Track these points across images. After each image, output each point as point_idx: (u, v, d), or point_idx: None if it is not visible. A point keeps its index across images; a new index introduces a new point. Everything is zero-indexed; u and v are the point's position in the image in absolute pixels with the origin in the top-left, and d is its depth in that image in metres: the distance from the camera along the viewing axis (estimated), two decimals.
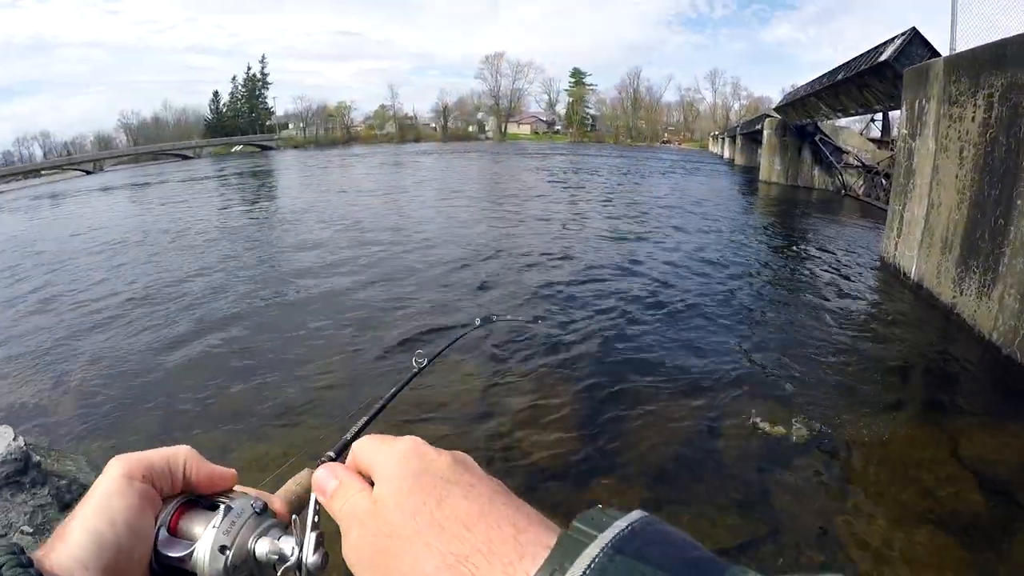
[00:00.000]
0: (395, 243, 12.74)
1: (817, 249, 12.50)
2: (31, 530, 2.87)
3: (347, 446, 1.36)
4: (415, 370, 2.36)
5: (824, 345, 6.87)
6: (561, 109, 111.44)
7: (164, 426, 5.17)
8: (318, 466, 1.14)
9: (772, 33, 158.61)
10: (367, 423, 1.50)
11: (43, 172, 74.39)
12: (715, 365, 6.16)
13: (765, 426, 4.90)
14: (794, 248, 12.96)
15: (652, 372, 6.00)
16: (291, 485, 0.99)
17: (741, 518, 3.77)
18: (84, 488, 3.65)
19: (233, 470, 0.61)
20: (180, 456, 0.57)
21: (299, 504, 0.96)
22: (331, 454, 1.26)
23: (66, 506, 3.39)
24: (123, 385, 6.09)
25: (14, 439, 3.36)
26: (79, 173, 70.81)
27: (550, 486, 4.12)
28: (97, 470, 2.42)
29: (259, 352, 6.78)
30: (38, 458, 3.47)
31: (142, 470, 0.54)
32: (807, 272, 10.50)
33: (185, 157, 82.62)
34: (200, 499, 0.58)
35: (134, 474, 0.53)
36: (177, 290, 9.67)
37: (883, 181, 17.17)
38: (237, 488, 0.61)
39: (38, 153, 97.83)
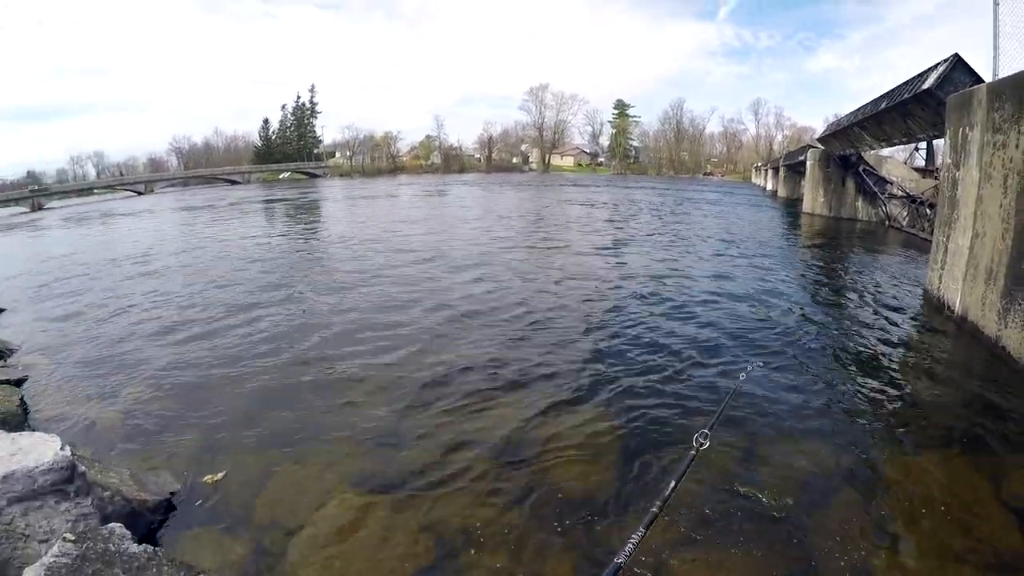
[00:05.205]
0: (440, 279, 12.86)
1: (859, 282, 12.12)
2: (73, 537, 2.92)
3: (619, 570, 1.24)
4: (694, 452, 2.13)
5: (863, 381, 6.60)
6: (605, 141, 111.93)
7: (208, 444, 5.21)
8: None
9: (817, 62, 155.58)
10: (644, 534, 1.36)
11: (96, 191, 78.03)
12: (753, 400, 5.89)
13: (803, 463, 4.71)
14: (836, 282, 12.58)
15: (696, 407, 5.77)
16: None
17: (777, 556, 3.63)
18: (126, 501, 3.79)
19: None
20: None
21: None
22: None
23: (106, 518, 3.49)
24: (171, 401, 6.19)
25: (61, 448, 3.44)
26: (131, 193, 74.35)
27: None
28: (140, 484, 2.48)
29: (309, 377, 6.79)
30: (83, 468, 3.54)
31: None
32: (849, 307, 10.15)
33: (234, 182, 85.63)
34: None
35: None
36: (228, 311, 9.89)
37: (927, 211, 16.66)
38: None
39: (91, 172, 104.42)
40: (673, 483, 1.64)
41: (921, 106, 11.55)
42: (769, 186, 52.20)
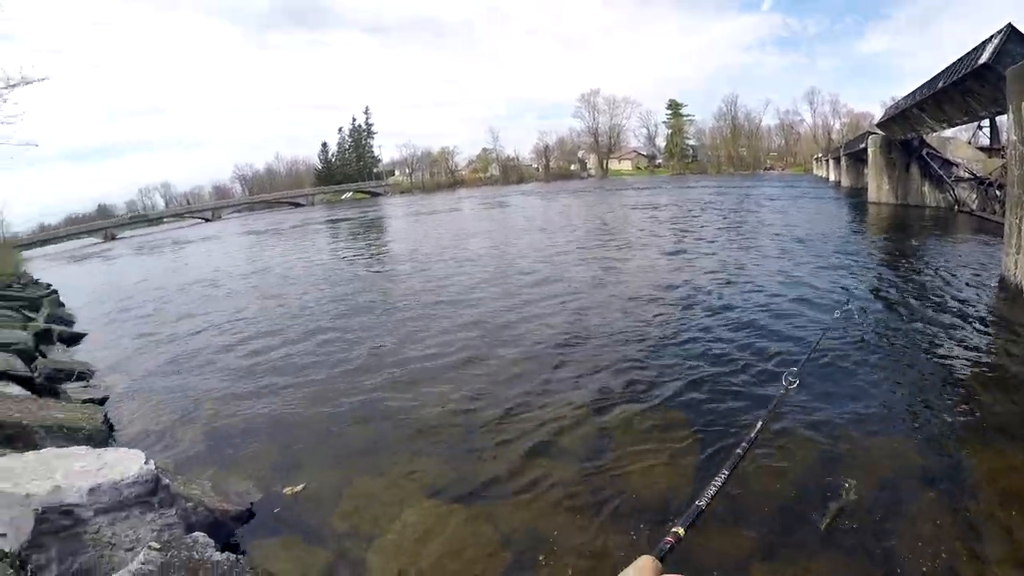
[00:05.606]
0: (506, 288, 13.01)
1: (932, 273, 11.42)
2: (158, 546, 3.09)
3: (700, 514, 1.25)
4: (782, 391, 2.16)
5: (944, 373, 6.28)
6: (660, 142, 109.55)
7: (285, 455, 5.42)
8: (664, 541, 1.04)
9: (868, 44, 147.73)
10: (726, 479, 1.36)
11: (165, 220, 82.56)
12: (831, 401, 5.65)
13: (882, 460, 4.52)
14: (908, 274, 11.90)
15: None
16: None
17: (861, 559, 3.49)
18: (209, 511, 3.94)
19: None
20: None
21: None
22: (678, 531, 1.14)
23: (190, 527, 3.65)
24: (247, 415, 6.49)
25: (145, 463, 3.67)
26: (199, 220, 78.51)
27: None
28: (221, 494, 2.65)
29: (380, 388, 6.97)
30: (167, 481, 3.75)
31: None
32: (923, 298, 9.53)
33: (298, 204, 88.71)
34: None
35: None
36: (297, 327, 10.35)
37: (997, 193, 15.78)
38: None
39: (159, 202, 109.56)
40: (760, 423, 1.60)
41: (979, 82, 10.99)
42: (832, 177, 50.40)
